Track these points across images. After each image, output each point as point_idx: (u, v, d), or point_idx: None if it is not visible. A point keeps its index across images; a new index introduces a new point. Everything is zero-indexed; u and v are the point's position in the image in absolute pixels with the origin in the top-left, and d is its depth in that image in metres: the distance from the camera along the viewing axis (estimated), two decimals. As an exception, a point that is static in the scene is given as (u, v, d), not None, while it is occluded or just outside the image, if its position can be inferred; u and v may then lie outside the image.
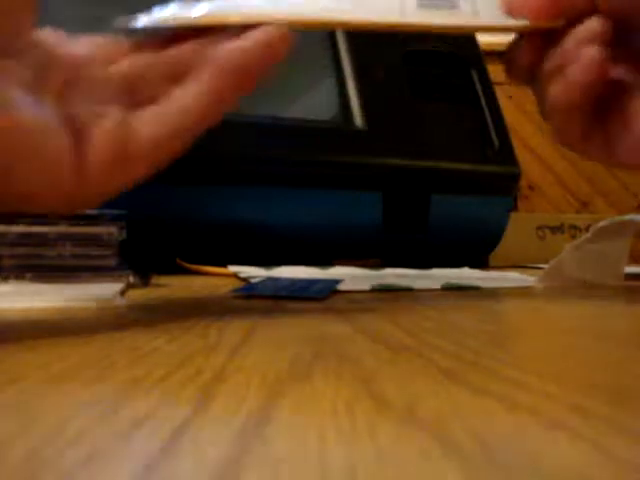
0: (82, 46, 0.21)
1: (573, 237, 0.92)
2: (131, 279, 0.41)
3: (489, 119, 0.76)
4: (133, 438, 0.11)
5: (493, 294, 0.41)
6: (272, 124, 0.65)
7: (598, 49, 0.23)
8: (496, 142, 0.75)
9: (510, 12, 0.24)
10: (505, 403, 0.13)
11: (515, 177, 0.76)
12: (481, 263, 0.80)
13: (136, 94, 0.22)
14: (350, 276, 0.52)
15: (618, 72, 0.25)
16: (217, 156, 0.62)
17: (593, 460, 0.10)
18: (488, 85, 0.79)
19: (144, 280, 0.42)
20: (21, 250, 0.39)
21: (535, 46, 0.25)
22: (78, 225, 0.40)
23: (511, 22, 0.25)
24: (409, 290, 0.43)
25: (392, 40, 0.75)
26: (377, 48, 0.73)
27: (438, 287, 0.45)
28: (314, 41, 0.73)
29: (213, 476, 0.09)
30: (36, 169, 0.19)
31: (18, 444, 0.10)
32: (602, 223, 0.47)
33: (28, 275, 0.39)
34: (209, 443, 0.10)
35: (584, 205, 1.84)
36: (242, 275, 0.51)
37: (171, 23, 0.23)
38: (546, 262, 0.49)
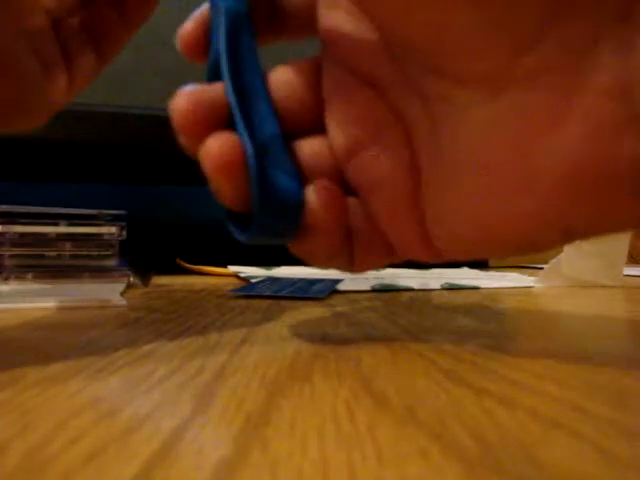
0: None
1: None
2: (131, 279, 0.41)
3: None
4: (133, 438, 0.11)
5: (493, 294, 0.41)
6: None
7: None
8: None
9: None
10: (505, 403, 0.13)
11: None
12: (481, 263, 0.80)
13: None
14: (350, 276, 0.52)
15: None
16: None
17: (593, 460, 0.10)
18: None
19: (144, 280, 0.43)
20: (22, 250, 0.39)
21: None
22: (79, 225, 0.40)
23: None
24: (409, 290, 0.43)
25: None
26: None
27: (438, 287, 0.45)
28: (314, 41, 0.73)
29: (213, 476, 0.09)
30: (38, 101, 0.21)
31: (18, 444, 0.10)
32: (602, 223, 0.46)
33: (29, 275, 0.39)
34: (209, 443, 0.10)
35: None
36: (242, 275, 0.51)
37: None
38: (546, 262, 0.49)
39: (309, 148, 0.18)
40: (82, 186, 0.58)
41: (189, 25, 0.19)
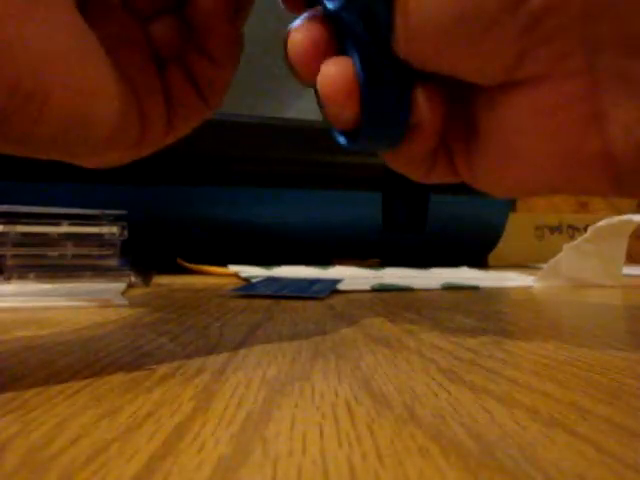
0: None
1: (572, 237, 0.92)
2: (132, 279, 0.41)
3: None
4: (133, 438, 0.11)
5: (493, 294, 0.41)
6: (272, 124, 0.65)
7: None
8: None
9: None
10: (505, 403, 0.13)
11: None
12: (480, 263, 0.80)
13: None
14: (350, 276, 0.52)
15: None
16: (217, 156, 0.62)
17: (592, 460, 0.10)
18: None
19: (145, 280, 0.43)
20: (24, 250, 0.39)
21: None
22: (80, 225, 0.41)
23: None
24: (409, 290, 0.43)
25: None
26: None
27: (438, 287, 0.45)
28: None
29: (213, 475, 0.09)
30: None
31: (19, 443, 0.10)
32: (600, 223, 0.47)
33: (31, 275, 0.39)
34: (209, 442, 0.11)
35: (583, 205, 1.83)
36: (242, 275, 0.52)
37: None
38: (545, 262, 0.49)
39: None
40: (83, 186, 0.58)
41: None
